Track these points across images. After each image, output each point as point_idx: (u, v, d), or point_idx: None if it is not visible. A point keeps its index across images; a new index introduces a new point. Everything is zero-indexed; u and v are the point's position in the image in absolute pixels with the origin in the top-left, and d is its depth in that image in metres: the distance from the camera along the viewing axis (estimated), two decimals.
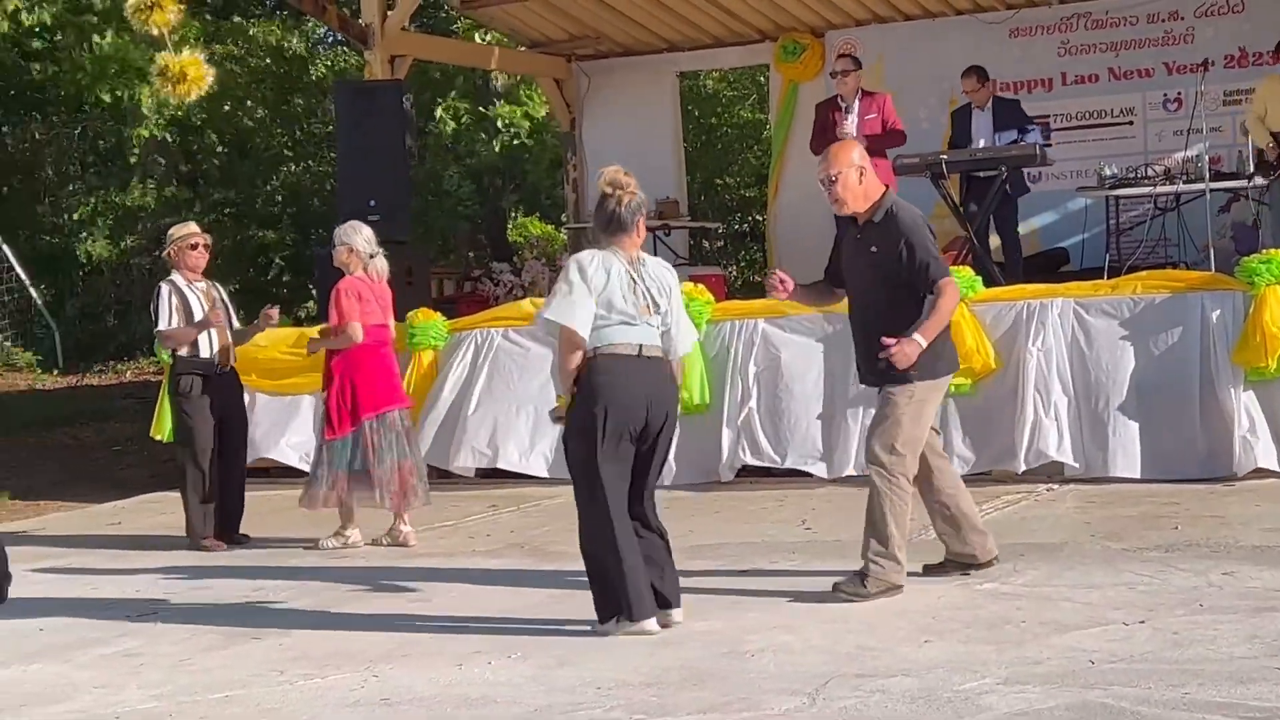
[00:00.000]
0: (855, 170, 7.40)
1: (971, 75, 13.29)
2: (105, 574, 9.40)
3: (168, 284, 10.39)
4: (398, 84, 14.84)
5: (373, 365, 9.76)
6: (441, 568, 8.92)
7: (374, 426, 9.67)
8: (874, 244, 7.39)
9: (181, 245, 10.41)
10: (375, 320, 9.81)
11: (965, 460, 10.59)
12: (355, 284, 9.79)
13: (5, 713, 6.41)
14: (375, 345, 9.80)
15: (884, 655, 6.39)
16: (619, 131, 17.02)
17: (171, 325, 10.25)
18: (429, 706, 6.12)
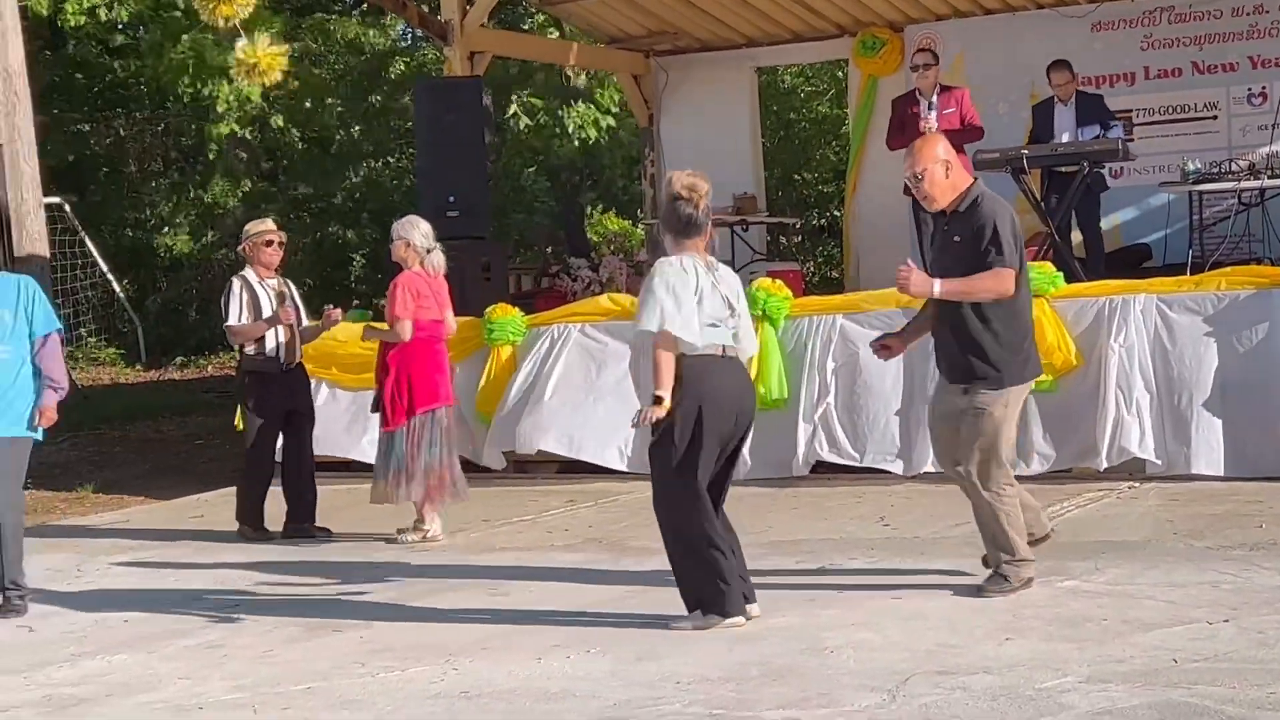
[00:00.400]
0: (941, 165, 7.34)
1: (1062, 68, 13.18)
2: (188, 567, 9.50)
3: (239, 279, 10.48)
4: (477, 80, 14.90)
5: (426, 360, 9.85)
6: (520, 562, 8.95)
7: (423, 421, 9.76)
8: (957, 233, 7.33)
9: (257, 241, 10.49)
10: (431, 316, 9.88)
11: (1046, 458, 10.52)
12: (413, 279, 9.86)
13: (92, 702, 6.50)
14: (430, 340, 9.88)
15: (965, 652, 6.36)
16: (697, 127, 17.02)
17: (240, 320, 10.35)
18: (508, 700, 6.15)
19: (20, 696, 6.66)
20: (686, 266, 7.03)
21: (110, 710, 6.37)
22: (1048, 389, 10.46)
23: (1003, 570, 7.36)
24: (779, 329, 11.24)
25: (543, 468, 12.02)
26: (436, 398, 9.84)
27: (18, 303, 8.39)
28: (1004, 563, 7.36)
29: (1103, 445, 10.34)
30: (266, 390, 10.41)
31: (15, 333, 8.37)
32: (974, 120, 13.03)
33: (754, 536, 8.92)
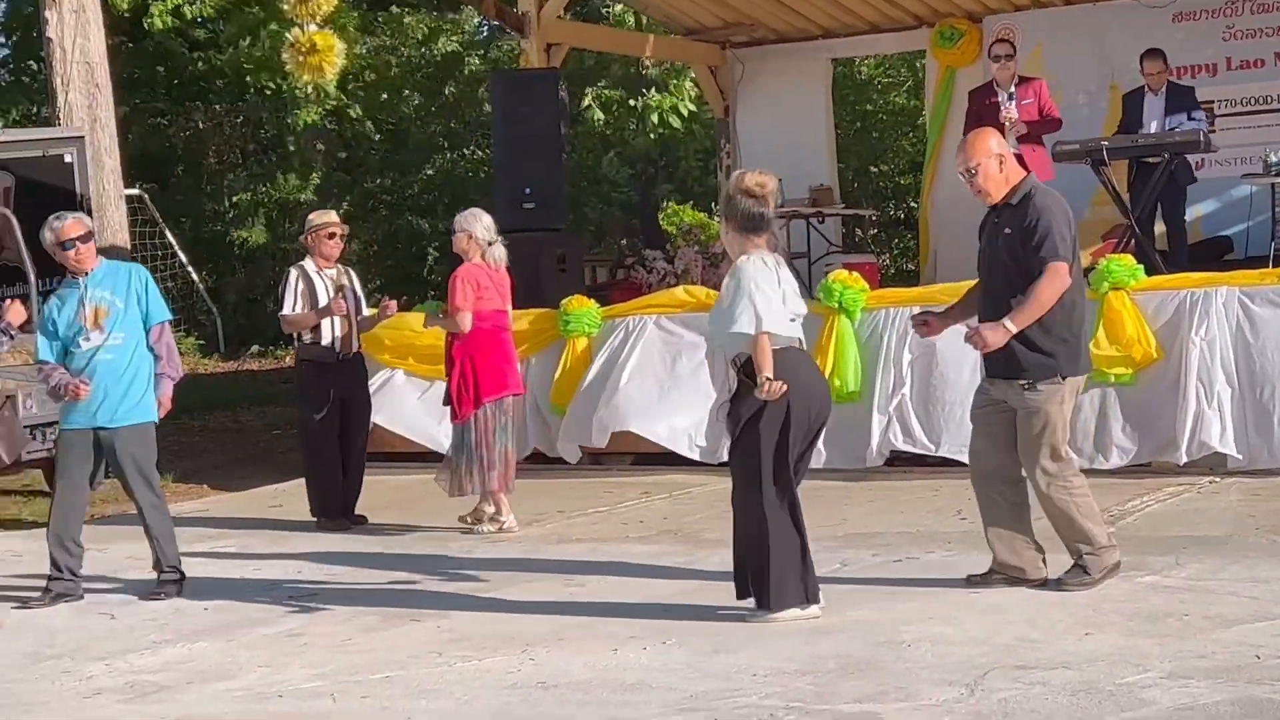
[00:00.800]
0: (994, 159, 7.27)
1: (1155, 57, 13.02)
2: (267, 556, 9.57)
3: (296, 269, 10.55)
4: (553, 72, 14.91)
5: (491, 350, 9.90)
6: (595, 553, 8.97)
7: (491, 411, 9.81)
8: (1007, 225, 7.25)
9: (319, 233, 10.54)
10: (493, 306, 9.94)
11: (1125, 451, 10.43)
12: (474, 271, 9.91)
13: (173, 690, 6.56)
14: (494, 330, 9.94)
15: (1044, 647, 6.32)
16: (773, 119, 16.97)
17: (294, 310, 10.41)
18: (585, 690, 6.16)
19: (103, 683, 6.74)
20: (767, 262, 7.07)
21: (191, 697, 6.43)
22: (1128, 382, 10.40)
23: (1082, 561, 7.29)
24: (855, 321, 11.19)
25: (617, 459, 12.03)
26: (505, 386, 9.90)
27: (129, 290, 8.52)
28: (1084, 554, 7.29)
29: (1182, 439, 10.25)
30: (322, 379, 10.47)
31: (128, 320, 8.51)
32: (1052, 111, 12.91)
33: (830, 529, 8.92)
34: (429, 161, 25.37)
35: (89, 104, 14.52)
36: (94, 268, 8.58)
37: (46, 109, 17.14)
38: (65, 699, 6.54)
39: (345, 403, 10.54)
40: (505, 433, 9.85)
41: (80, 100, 14.55)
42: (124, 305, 8.49)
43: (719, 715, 5.72)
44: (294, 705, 6.23)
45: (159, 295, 8.66)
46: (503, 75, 17.59)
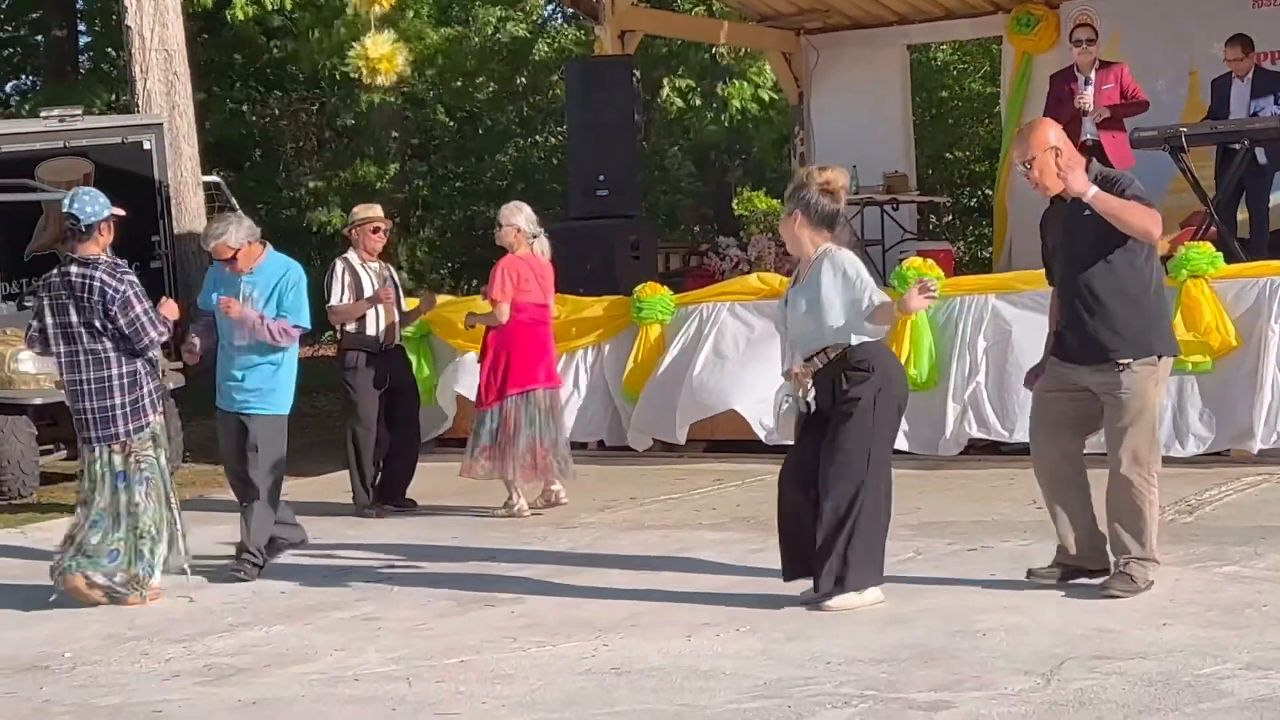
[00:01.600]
0: (1050, 153, 7.11)
1: (1236, 44, 12.87)
2: (341, 540, 9.64)
3: (342, 261, 10.71)
4: (627, 59, 14.90)
5: (527, 343, 10.00)
6: (668, 540, 8.97)
7: (517, 403, 9.90)
8: (1087, 208, 7.10)
9: (364, 227, 10.71)
10: (535, 299, 10.03)
11: (1201, 440, 10.35)
12: (516, 263, 10.01)
13: (250, 672, 6.62)
14: (533, 324, 10.03)
15: (1120, 638, 6.28)
16: (847, 105, 16.90)
17: (341, 301, 10.56)
18: (658, 677, 6.17)
19: (181, 665, 6.81)
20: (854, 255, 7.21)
21: (268, 680, 6.49)
22: (1205, 370, 10.31)
23: (1130, 569, 7.02)
24: (930, 309, 11.12)
25: (689, 446, 12.02)
26: (534, 379, 9.99)
27: (275, 286, 8.69)
28: (1133, 560, 7.02)
29: (1258, 427, 10.15)
30: (369, 369, 10.62)
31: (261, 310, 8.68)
32: (1137, 94, 12.79)
33: (904, 517, 8.85)
34: (502, 149, 25.44)
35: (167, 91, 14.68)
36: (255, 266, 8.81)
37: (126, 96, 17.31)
38: (144, 680, 6.61)
39: (391, 391, 10.68)
40: (533, 426, 9.94)
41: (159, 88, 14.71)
42: (262, 305, 8.72)
43: (792, 703, 5.72)
44: (369, 689, 6.27)
45: (300, 302, 8.85)
46: (577, 62, 17.62)
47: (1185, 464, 10.21)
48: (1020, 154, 7.23)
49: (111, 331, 8.07)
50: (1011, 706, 5.50)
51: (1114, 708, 5.41)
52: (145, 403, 8.16)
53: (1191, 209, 13.20)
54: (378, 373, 10.63)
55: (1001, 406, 10.95)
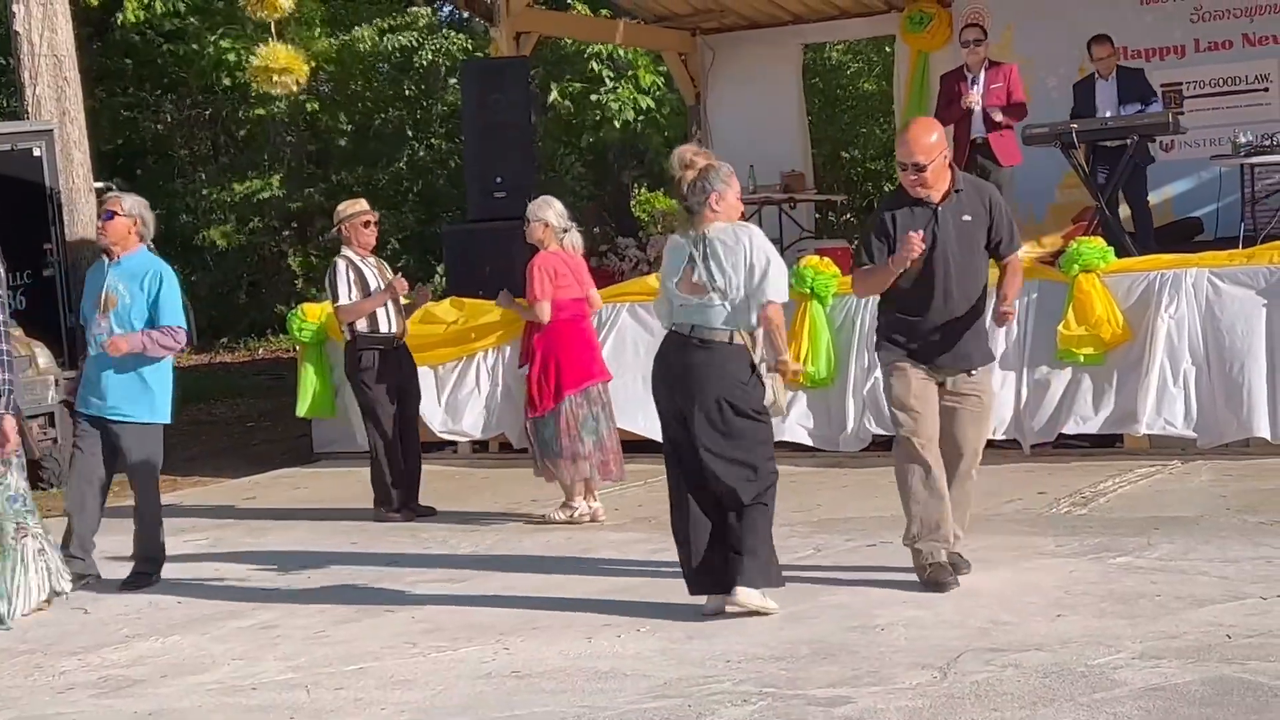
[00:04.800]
0: (943, 156, 7.21)
1: (1104, 42, 13.07)
2: (241, 548, 9.55)
3: (343, 259, 10.38)
4: (524, 60, 14.88)
5: (573, 340, 9.72)
6: (570, 541, 8.97)
7: (576, 401, 9.62)
8: (966, 212, 7.21)
9: (354, 223, 10.40)
10: (572, 294, 9.74)
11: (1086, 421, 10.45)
12: (551, 260, 9.71)
13: (147, 684, 6.55)
14: (574, 320, 9.75)
15: (1016, 630, 6.34)
16: (744, 105, 16.97)
17: (350, 299, 10.27)
18: (559, 679, 6.16)
19: (76, 678, 6.72)
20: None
21: (165, 691, 6.42)
22: (1096, 363, 10.43)
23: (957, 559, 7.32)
24: (828, 306, 11.20)
25: None
26: (590, 375, 9.72)
27: (143, 287, 8.52)
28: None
29: (1143, 412, 10.26)
30: (383, 367, 10.32)
31: (133, 315, 8.50)
32: (1019, 97, 12.92)
33: (803, 515, 8.94)
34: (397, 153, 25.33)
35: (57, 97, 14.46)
36: (124, 254, 8.59)
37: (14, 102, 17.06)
38: (37, 694, 6.52)
39: (400, 391, 10.41)
40: (596, 422, 9.66)
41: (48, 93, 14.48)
42: (131, 300, 8.49)
43: (692, 702, 5.73)
44: (268, 698, 6.22)
45: (173, 299, 8.56)
46: (473, 64, 17.56)
47: (1079, 457, 10.35)
48: (909, 155, 7.17)
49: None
50: (909, 701, 5.54)
51: (1009, 699, 5.47)
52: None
53: (1082, 204, 13.39)
54: (391, 371, 10.35)
55: None
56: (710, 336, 6.87)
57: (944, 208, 7.19)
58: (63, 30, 14.58)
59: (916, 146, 7.14)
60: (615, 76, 22.00)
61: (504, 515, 9.99)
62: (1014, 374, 10.62)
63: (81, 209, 14.32)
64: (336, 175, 25.20)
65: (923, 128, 7.31)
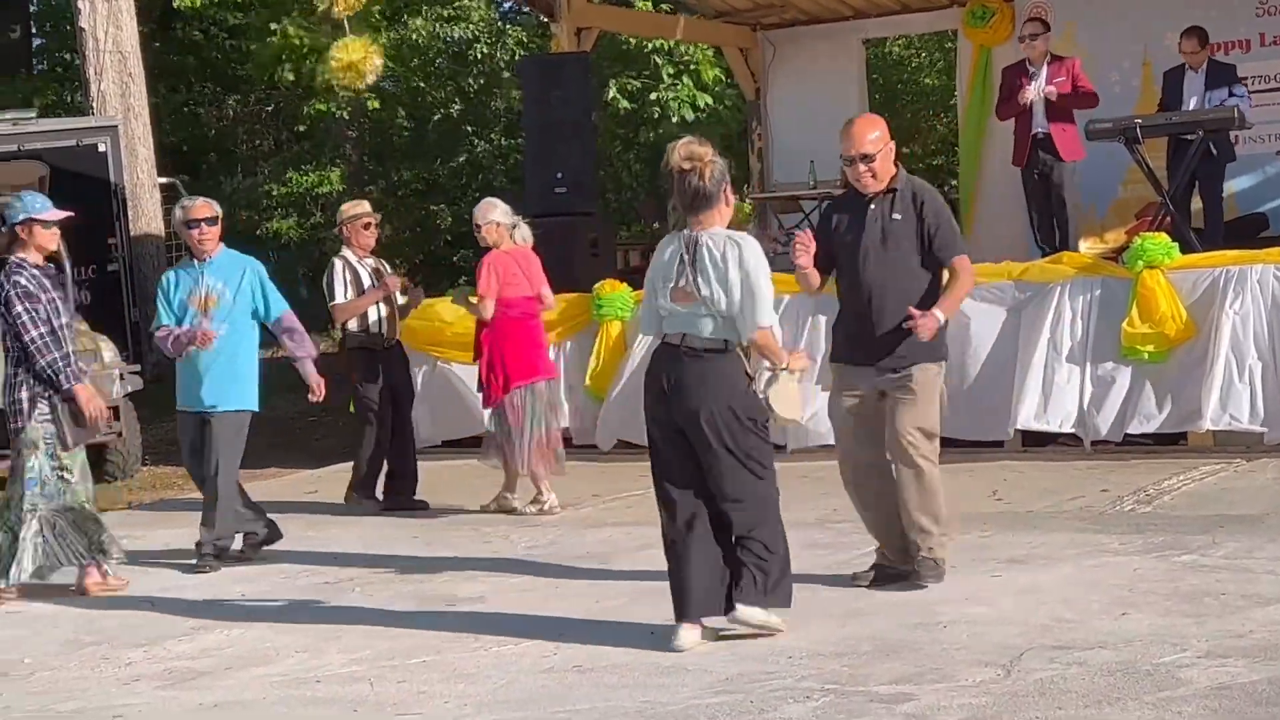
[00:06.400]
0: (890, 149, 7.21)
1: (1192, 36, 12.91)
2: (304, 541, 9.61)
3: (340, 259, 10.70)
4: (584, 56, 14.88)
5: (519, 337, 10.03)
6: (631, 537, 8.97)
7: (522, 396, 9.93)
8: (896, 211, 7.19)
9: (354, 224, 10.70)
10: (522, 293, 10.06)
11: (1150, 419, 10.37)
12: (500, 259, 10.04)
13: (211, 676, 6.59)
14: (523, 318, 10.07)
15: (1080, 628, 6.30)
16: (804, 100, 16.90)
17: (345, 298, 10.54)
18: (620, 673, 6.17)
19: (141, 669, 6.78)
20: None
21: (229, 683, 6.46)
22: (1160, 360, 10.35)
23: (934, 554, 7.19)
24: None
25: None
26: (535, 371, 10.02)
27: (241, 284, 8.84)
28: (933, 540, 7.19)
29: (1207, 408, 10.18)
30: (373, 366, 10.61)
31: (235, 312, 8.85)
32: (1087, 87, 12.82)
33: None
34: (456, 149, 25.40)
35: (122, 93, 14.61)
36: (215, 254, 8.88)
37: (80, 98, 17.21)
38: (104, 685, 6.58)
39: (394, 389, 10.65)
40: (540, 416, 9.95)
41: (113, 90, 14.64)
42: (233, 298, 8.79)
43: (753, 698, 5.73)
44: (331, 690, 6.25)
45: (275, 289, 9.00)
46: (533, 59, 17.58)
47: (1143, 455, 10.28)
48: (855, 148, 7.16)
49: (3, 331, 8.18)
50: (972, 698, 5.52)
51: (1074, 697, 5.44)
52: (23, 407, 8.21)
53: (1146, 200, 13.29)
54: (383, 370, 10.62)
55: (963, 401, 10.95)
56: (703, 346, 6.47)
57: (875, 204, 7.20)
58: (127, 27, 14.72)
59: (860, 140, 7.17)
60: (675, 73, 21.98)
61: (564, 509, 9.99)
62: (1078, 370, 10.56)
63: (145, 204, 14.46)
64: (396, 172, 25.30)
65: (866, 122, 7.33)
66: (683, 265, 6.47)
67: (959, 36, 16.84)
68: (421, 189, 25.14)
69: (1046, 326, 10.64)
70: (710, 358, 6.47)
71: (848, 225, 7.25)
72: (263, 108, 25.44)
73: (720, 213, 6.53)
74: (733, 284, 6.39)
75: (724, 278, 6.39)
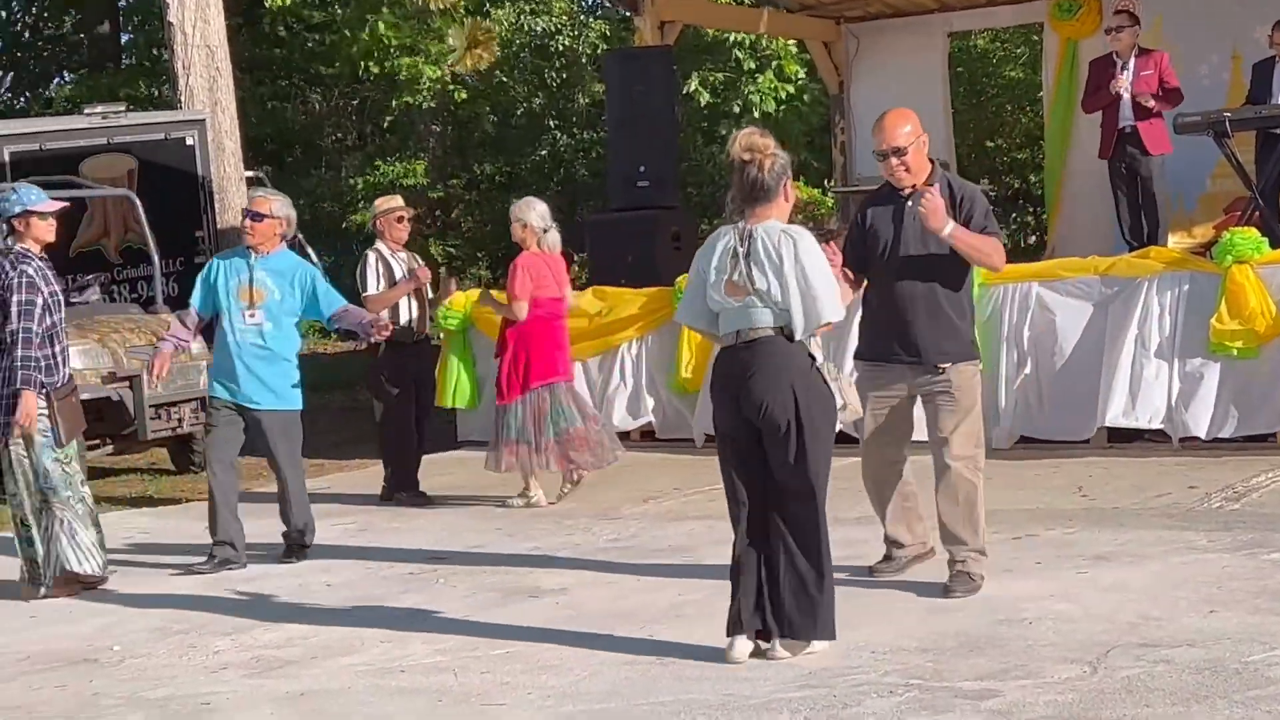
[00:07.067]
0: (921, 143, 7.14)
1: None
2: (388, 532, 9.68)
3: (373, 252, 10.85)
4: (668, 50, 14.89)
5: (544, 337, 10.17)
6: (712, 530, 8.95)
7: (541, 395, 10.06)
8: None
9: (388, 218, 10.89)
10: (549, 294, 10.19)
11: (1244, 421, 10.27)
12: (532, 261, 10.16)
13: (298, 664, 6.65)
14: (548, 318, 10.19)
15: (1167, 625, 6.25)
16: (888, 93, 16.67)
17: (377, 290, 10.66)
18: (703, 667, 6.17)
19: (229, 658, 6.84)
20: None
21: (315, 672, 6.52)
22: (1250, 356, 10.24)
23: (968, 568, 7.10)
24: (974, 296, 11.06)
25: None
26: (555, 372, 10.16)
27: (292, 285, 8.88)
28: (969, 555, 7.12)
29: None
30: (400, 360, 10.76)
31: (282, 311, 8.87)
32: (1172, 82, 12.71)
33: None
34: (538, 142, 25.49)
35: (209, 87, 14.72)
36: (269, 252, 8.92)
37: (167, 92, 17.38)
38: (192, 673, 6.64)
39: (417, 382, 10.88)
40: (559, 416, 10.09)
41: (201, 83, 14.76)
42: (280, 298, 8.84)
43: (837, 692, 5.71)
44: (415, 680, 6.29)
45: (329, 288, 9.04)
46: (617, 53, 17.58)
47: (1231, 451, 10.17)
48: (888, 141, 7.11)
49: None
50: (1058, 695, 5.48)
51: (1161, 695, 5.39)
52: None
53: (1235, 194, 13.13)
54: (409, 364, 10.80)
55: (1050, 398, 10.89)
56: (762, 335, 6.27)
57: (911, 200, 7.14)
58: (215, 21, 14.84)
59: (892, 133, 7.12)
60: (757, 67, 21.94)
61: (644, 503, 10.01)
62: (1165, 366, 10.45)
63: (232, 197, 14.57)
64: (478, 165, 25.41)
65: (897, 116, 7.23)
66: (736, 258, 6.31)
67: (1045, 29, 16.70)
68: (503, 182, 25.26)
69: (1134, 322, 10.54)
70: (772, 348, 6.27)
71: (883, 221, 7.20)
72: (347, 102, 25.61)
73: (778, 207, 6.38)
74: (788, 277, 6.23)
75: (779, 270, 6.24)
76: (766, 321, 6.26)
